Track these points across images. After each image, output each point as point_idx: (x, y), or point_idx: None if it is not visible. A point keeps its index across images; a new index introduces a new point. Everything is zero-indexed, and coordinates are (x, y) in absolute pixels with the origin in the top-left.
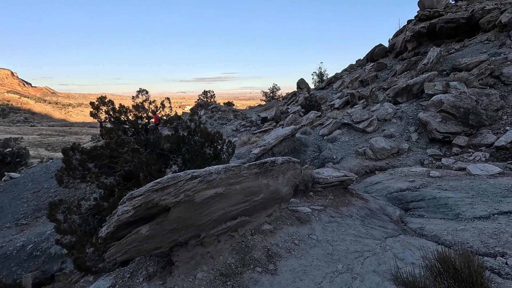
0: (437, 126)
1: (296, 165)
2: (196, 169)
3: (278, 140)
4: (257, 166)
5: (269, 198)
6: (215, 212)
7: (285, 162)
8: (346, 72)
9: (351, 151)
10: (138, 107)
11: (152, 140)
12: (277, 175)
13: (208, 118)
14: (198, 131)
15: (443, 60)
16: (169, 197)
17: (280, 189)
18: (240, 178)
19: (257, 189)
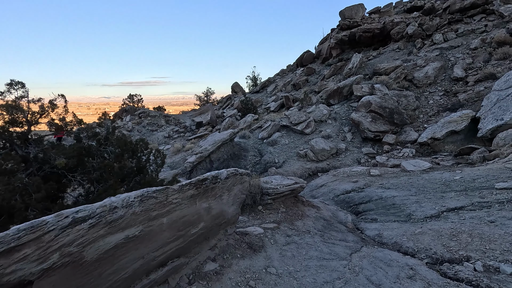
0: (369, 125)
1: (244, 177)
2: (110, 189)
3: (216, 146)
4: (193, 186)
5: (212, 226)
6: (128, 265)
7: (230, 175)
8: (279, 76)
9: (293, 154)
10: (9, 107)
11: (35, 154)
12: (221, 194)
13: (135, 125)
14: (112, 139)
15: (365, 65)
16: (26, 265)
17: (226, 210)
18: (169, 207)
19: (195, 217)
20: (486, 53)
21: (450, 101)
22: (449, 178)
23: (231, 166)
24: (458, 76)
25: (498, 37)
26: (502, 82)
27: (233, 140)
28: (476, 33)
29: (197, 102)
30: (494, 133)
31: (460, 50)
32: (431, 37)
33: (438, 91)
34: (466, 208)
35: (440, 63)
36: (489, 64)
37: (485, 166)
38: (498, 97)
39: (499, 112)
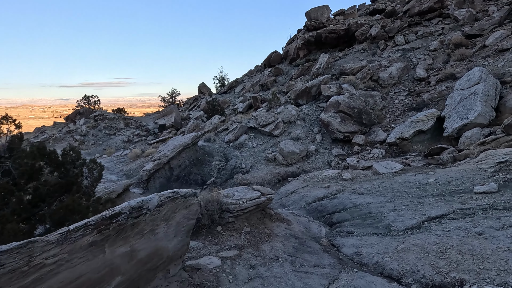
0: (338, 126)
1: (190, 199)
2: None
3: (176, 151)
4: (92, 230)
5: (140, 274)
6: None
7: (167, 201)
8: (247, 77)
9: (261, 158)
10: None
11: None
12: (154, 227)
13: (90, 129)
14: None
15: (331, 65)
16: None
17: (164, 247)
18: (38, 273)
19: (103, 272)
20: (445, 54)
21: (415, 100)
22: (423, 180)
23: (193, 173)
24: (420, 76)
25: (455, 39)
26: (463, 81)
27: (196, 144)
28: (434, 35)
29: (161, 104)
30: (460, 132)
31: (421, 51)
32: (393, 39)
33: (402, 91)
34: (448, 216)
35: (403, 64)
36: (448, 65)
37: (457, 167)
38: (461, 96)
39: (464, 111)
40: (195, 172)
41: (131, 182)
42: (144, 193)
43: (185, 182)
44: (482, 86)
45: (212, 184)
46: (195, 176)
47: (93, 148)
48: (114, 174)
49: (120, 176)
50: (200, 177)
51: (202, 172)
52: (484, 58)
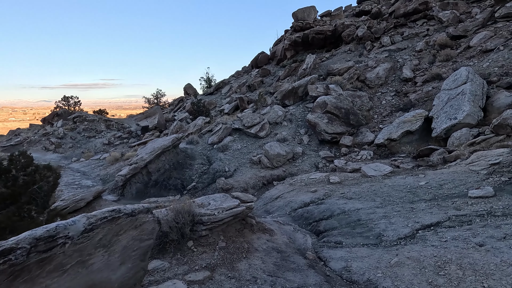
0: (325, 127)
1: (140, 217)
2: None
3: (155, 154)
4: None
5: None
6: None
7: (101, 223)
8: (234, 77)
9: (246, 160)
10: None
11: None
12: (85, 259)
13: (68, 131)
14: None
15: (318, 66)
16: None
17: (104, 280)
18: None
19: None
20: (431, 55)
21: (402, 101)
22: (414, 184)
23: (173, 178)
24: (407, 76)
25: (440, 40)
26: (450, 81)
27: (177, 147)
28: (419, 36)
29: (146, 105)
30: (449, 133)
31: (407, 52)
32: (379, 40)
33: (389, 92)
34: (444, 224)
35: (390, 64)
36: (434, 65)
37: (448, 169)
38: (449, 96)
39: (452, 111)
40: (175, 176)
41: (103, 188)
42: (119, 200)
43: (164, 188)
44: (469, 86)
45: (193, 189)
46: (175, 180)
47: (70, 152)
48: (90, 179)
49: (96, 181)
50: (181, 181)
51: (183, 177)
52: (469, 58)
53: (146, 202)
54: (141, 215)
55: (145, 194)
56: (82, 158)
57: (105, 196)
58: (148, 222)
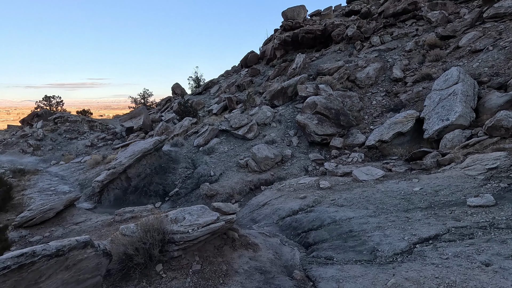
0: (315, 128)
1: (73, 255)
2: None
3: (135, 158)
4: None
5: None
6: None
7: (7, 273)
8: (223, 77)
9: (232, 164)
10: None
11: None
12: None
13: (48, 132)
14: None
15: (308, 66)
16: None
17: None
18: None
19: None
20: (420, 55)
21: (392, 101)
22: (408, 189)
23: (154, 183)
24: (397, 76)
25: (429, 40)
26: (441, 81)
27: (159, 150)
28: (409, 36)
29: (132, 105)
30: (441, 134)
31: (396, 52)
32: (369, 40)
33: (380, 92)
34: (443, 237)
35: (380, 64)
36: (424, 65)
37: (442, 173)
38: (440, 96)
39: (443, 112)
40: (156, 181)
41: (76, 196)
42: (95, 208)
43: (144, 194)
44: (461, 86)
45: (175, 195)
46: (157, 186)
47: (50, 154)
48: (68, 184)
49: (74, 186)
50: (162, 187)
51: (165, 182)
52: (459, 58)
53: (121, 212)
54: (75, 252)
55: (123, 201)
56: (62, 161)
57: (80, 204)
58: (88, 258)
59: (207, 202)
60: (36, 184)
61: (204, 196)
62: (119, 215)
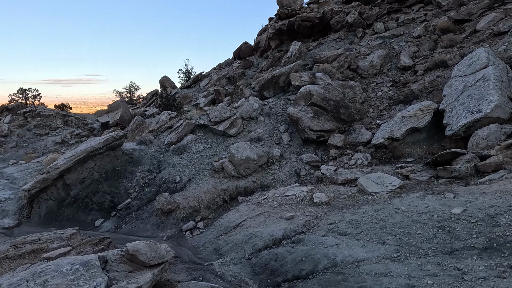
0: (310, 123)
1: None
2: None
3: (75, 160)
4: None
5: None
6: None
7: None
8: (215, 70)
9: (205, 167)
10: None
11: None
12: None
13: (16, 128)
14: None
15: (304, 55)
16: None
17: None
18: None
19: None
20: (431, 41)
21: (401, 92)
22: (443, 211)
23: (101, 192)
24: (406, 64)
25: (441, 24)
26: (464, 66)
27: (116, 149)
28: (416, 22)
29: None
30: (470, 130)
31: (403, 39)
32: (372, 27)
33: (386, 82)
34: None
35: (385, 51)
36: (435, 52)
37: (489, 186)
38: (465, 83)
39: (472, 102)
40: (104, 190)
41: None
42: (17, 226)
43: (84, 207)
44: (492, 70)
45: (124, 209)
46: (103, 196)
47: (12, 152)
48: (13, 189)
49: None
50: (111, 198)
51: (116, 190)
52: (478, 43)
53: (21, 241)
54: None
55: (57, 217)
56: (22, 161)
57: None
58: None
59: (162, 220)
60: None
61: (159, 212)
62: (16, 247)
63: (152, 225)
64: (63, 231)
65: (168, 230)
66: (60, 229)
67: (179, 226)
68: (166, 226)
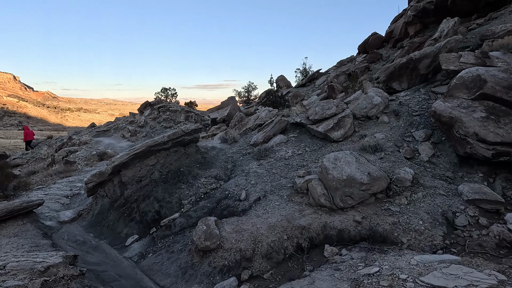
0: (480, 127)
1: None
2: None
3: (132, 155)
4: None
5: None
6: None
7: None
8: (334, 67)
9: (286, 182)
10: None
11: None
12: None
13: (150, 120)
14: None
15: (463, 36)
16: None
17: None
18: None
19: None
20: None
21: None
22: None
23: (151, 198)
24: None
25: None
26: None
27: (190, 145)
28: None
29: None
30: None
31: None
32: None
33: None
34: None
35: None
36: None
37: None
38: None
39: None
40: (156, 195)
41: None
42: (74, 221)
43: (127, 214)
44: None
45: (165, 228)
46: (151, 204)
47: (141, 141)
48: None
49: None
50: (158, 207)
51: (169, 198)
52: None
53: None
54: None
55: (104, 219)
56: None
57: (63, 211)
58: None
59: (193, 263)
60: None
61: (193, 248)
62: None
63: (177, 268)
64: (46, 256)
65: (194, 286)
66: (100, 235)
67: (212, 283)
68: (194, 276)
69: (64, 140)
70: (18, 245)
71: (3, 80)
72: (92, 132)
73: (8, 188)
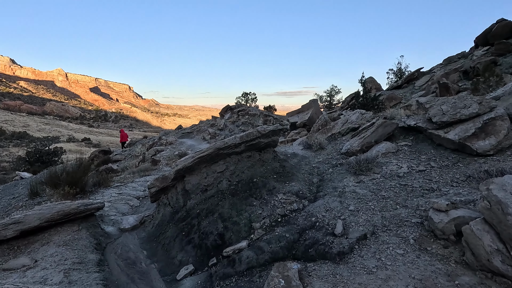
0: None
1: None
2: None
3: (197, 158)
4: None
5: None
6: None
7: None
8: (440, 66)
9: (408, 214)
10: None
11: None
12: None
13: (230, 123)
14: None
15: None
16: None
17: None
18: None
19: None
20: None
21: None
22: None
23: (216, 215)
24: None
25: None
26: None
27: (266, 150)
28: None
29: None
30: None
31: None
32: None
33: None
34: None
35: None
36: None
37: None
38: None
39: None
40: (222, 211)
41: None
42: (134, 230)
43: (186, 233)
44: None
45: (228, 262)
46: (214, 223)
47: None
48: None
49: None
50: (223, 228)
51: (237, 217)
52: None
53: None
54: None
55: (160, 234)
56: None
57: (128, 216)
58: None
59: None
60: None
61: None
62: None
63: None
64: None
65: None
66: (153, 255)
67: None
68: None
69: (155, 139)
70: (61, 259)
71: (121, 90)
72: (178, 133)
73: (87, 184)
